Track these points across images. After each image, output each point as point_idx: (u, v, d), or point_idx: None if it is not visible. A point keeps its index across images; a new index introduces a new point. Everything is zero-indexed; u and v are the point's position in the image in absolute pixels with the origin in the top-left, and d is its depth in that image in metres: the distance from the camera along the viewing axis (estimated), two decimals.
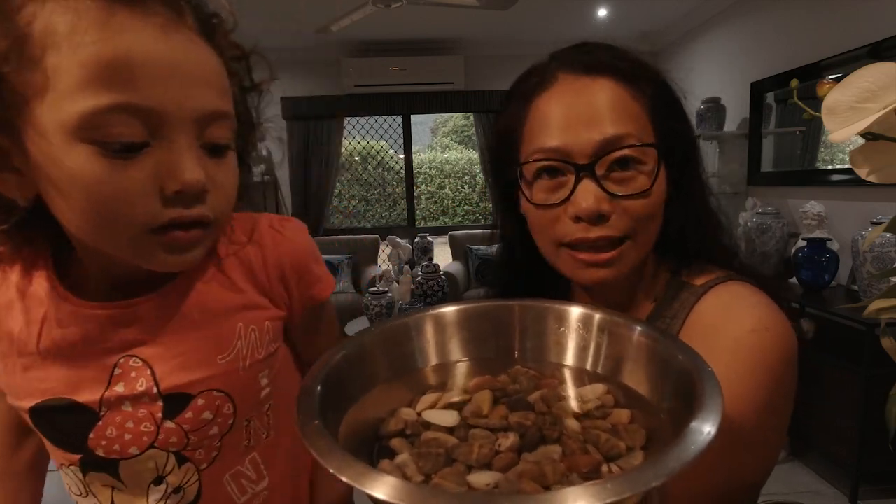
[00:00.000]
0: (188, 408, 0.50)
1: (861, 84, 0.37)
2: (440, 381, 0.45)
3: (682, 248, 0.61)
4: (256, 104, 0.57)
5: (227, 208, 0.50)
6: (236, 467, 0.55)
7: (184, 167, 0.43)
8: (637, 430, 0.35)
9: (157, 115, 0.41)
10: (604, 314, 0.46)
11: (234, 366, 0.53)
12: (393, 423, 0.38)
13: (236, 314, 0.54)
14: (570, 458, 0.33)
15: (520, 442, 0.35)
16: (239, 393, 0.53)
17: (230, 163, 0.50)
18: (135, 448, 0.50)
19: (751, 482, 0.52)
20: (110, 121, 0.40)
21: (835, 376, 2.11)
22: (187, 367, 0.51)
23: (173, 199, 0.43)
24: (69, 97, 0.39)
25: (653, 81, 0.57)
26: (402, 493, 0.26)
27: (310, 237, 0.63)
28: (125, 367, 0.50)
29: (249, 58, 0.54)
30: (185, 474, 0.52)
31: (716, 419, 0.29)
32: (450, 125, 10.83)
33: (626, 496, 0.25)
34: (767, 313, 0.52)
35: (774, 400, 0.50)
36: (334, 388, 0.39)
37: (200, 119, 0.44)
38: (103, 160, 0.40)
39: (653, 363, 0.41)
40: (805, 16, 2.82)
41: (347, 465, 0.28)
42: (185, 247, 0.46)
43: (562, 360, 0.46)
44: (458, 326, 0.48)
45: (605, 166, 0.53)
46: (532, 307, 0.49)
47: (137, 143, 0.41)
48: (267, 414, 0.57)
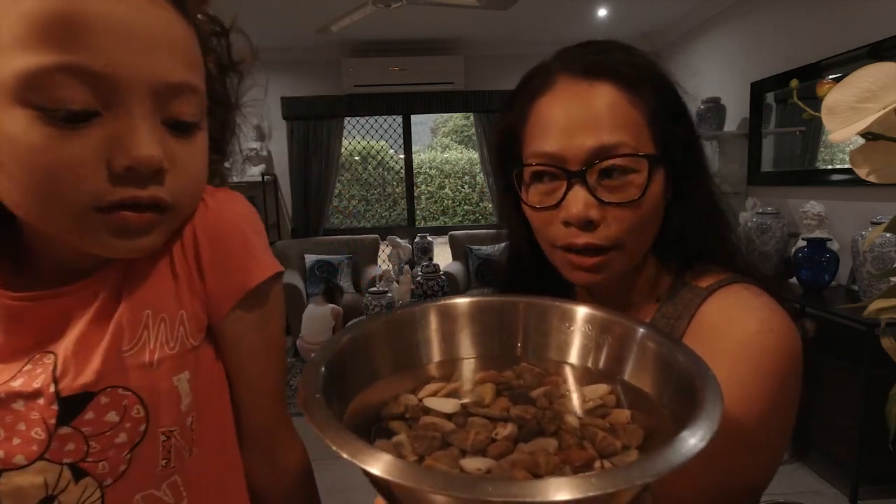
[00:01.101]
0: (88, 407, 0.43)
1: (861, 84, 0.37)
2: (445, 374, 0.45)
3: (684, 250, 0.61)
4: (236, 86, 0.52)
5: (190, 193, 0.45)
6: (149, 489, 0.46)
7: (137, 142, 0.38)
8: (635, 430, 0.36)
9: (108, 81, 0.37)
10: (607, 314, 0.46)
11: (140, 360, 0.45)
12: (394, 406, 0.39)
13: (149, 300, 0.46)
14: (565, 452, 0.33)
15: (517, 433, 0.35)
16: (150, 395, 0.45)
17: (198, 144, 0.45)
18: (21, 457, 0.42)
19: (754, 483, 0.52)
20: (55, 83, 0.35)
21: (835, 376, 2.11)
22: (87, 360, 0.43)
23: (124, 177, 0.39)
24: (7, 53, 0.35)
25: (655, 86, 0.57)
26: (393, 469, 0.26)
27: (245, 209, 0.51)
28: (35, 362, 0.43)
29: (228, 34, 0.49)
30: (84, 491, 0.43)
31: (712, 425, 0.30)
32: (450, 125, 10.83)
33: (609, 491, 0.25)
34: (771, 315, 0.52)
35: (778, 402, 0.50)
36: (338, 373, 0.39)
37: (161, 90, 0.40)
38: (45, 128, 0.36)
39: (655, 365, 0.41)
40: (805, 16, 2.82)
41: (345, 441, 0.29)
42: (135, 231, 0.41)
43: (565, 359, 0.46)
44: (465, 320, 0.49)
45: (597, 174, 0.54)
46: (537, 304, 0.49)
47: (85, 112, 0.37)
48: (191, 429, 0.49)
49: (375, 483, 0.30)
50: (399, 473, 0.26)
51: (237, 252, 0.49)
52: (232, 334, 0.51)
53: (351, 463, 0.28)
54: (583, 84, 0.55)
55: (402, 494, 0.30)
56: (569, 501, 0.25)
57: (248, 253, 0.50)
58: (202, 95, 0.44)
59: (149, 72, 0.39)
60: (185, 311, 0.48)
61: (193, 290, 0.48)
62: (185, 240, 0.48)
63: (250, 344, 0.53)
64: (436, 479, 0.26)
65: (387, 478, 0.26)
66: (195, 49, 0.43)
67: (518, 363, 0.45)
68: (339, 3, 2.85)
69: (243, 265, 0.49)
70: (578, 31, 4.20)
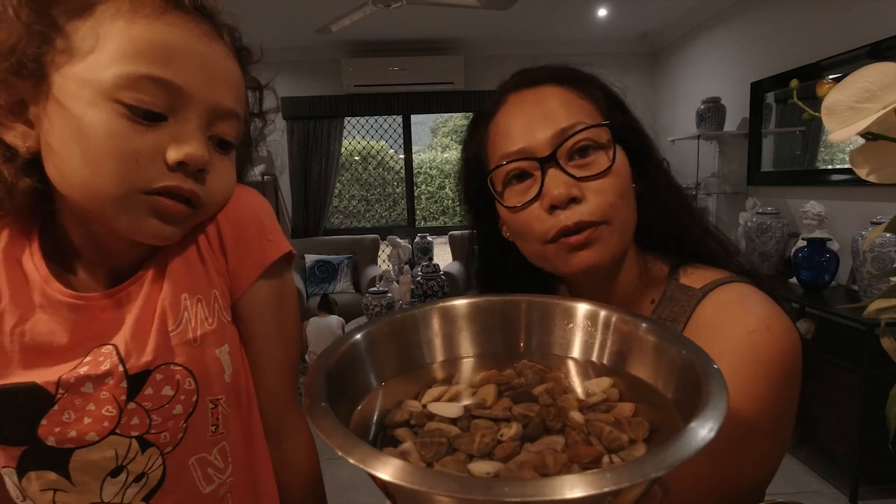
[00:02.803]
0: (147, 384, 0.49)
1: (861, 84, 0.37)
2: (447, 375, 0.45)
3: (671, 243, 0.61)
4: (260, 130, 0.63)
5: (218, 200, 0.54)
6: (202, 453, 0.53)
7: (190, 143, 0.48)
8: (640, 422, 0.35)
9: (181, 94, 0.47)
10: (609, 311, 0.46)
11: (185, 338, 0.51)
12: (398, 413, 0.39)
13: (185, 285, 0.53)
14: (573, 449, 0.33)
15: (523, 432, 0.35)
16: (198, 367, 0.52)
17: (231, 161, 0.54)
18: (94, 434, 0.48)
19: (756, 481, 0.52)
20: (142, 87, 0.45)
21: (835, 376, 2.11)
22: (145, 343, 0.50)
23: (174, 170, 0.47)
24: (112, 61, 0.44)
25: (594, 83, 0.62)
26: (405, 475, 0.26)
27: (257, 199, 0.59)
28: (96, 353, 0.49)
29: (263, 90, 0.61)
30: (149, 460, 0.50)
31: (720, 417, 0.30)
32: (450, 125, 10.82)
33: (624, 486, 0.25)
34: (768, 313, 0.52)
35: (778, 400, 0.50)
36: (342, 376, 0.40)
37: (216, 111, 0.50)
38: (125, 121, 0.45)
39: (658, 359, 0.41)
40: (805, 16, 2.82)
41: (353, 447, 0.28)
42: (169, 217, 0.49)
43: (566, 354, 0.46)
44: (466, 320, 0.49)
45: (566, 155, 0.56)
46: (538, 302, 0.49)
47: (157, 114, 0.46)
48: (235, 395, 0.56)
49: (384, 489, 0.30)
50: (413, 478, 0.26)
51: (254, 235, 0.57)
52: (249, 312, 0.57)
53: (352, 463, 0.27)
54: (531, 92, 0.60)
55: (413, 500, 0.30)
56: (584, 498, 0.25)
57: (264, 236, 0.57)
58: (242, 122, 0.54)
59: (211, 95, 0.49)
60: (216, 290, 0.55)
61: (219, 270, 0.55)
62: (208, 228, 0.55)
63: (264, 325, 0.58)
64: (450, 482, 0.26)
65: (402, 483, 0.26)
66: (243, 92, 0.55)
67: (519, 360, 0.45)
68: (339, 3, 2.85)
69: (260, 245, 0.57)
70: (578, 31, 4.20)
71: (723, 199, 3.62)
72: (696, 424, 0.29)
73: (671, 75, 4.32)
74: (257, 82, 0.60)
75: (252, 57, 0.57)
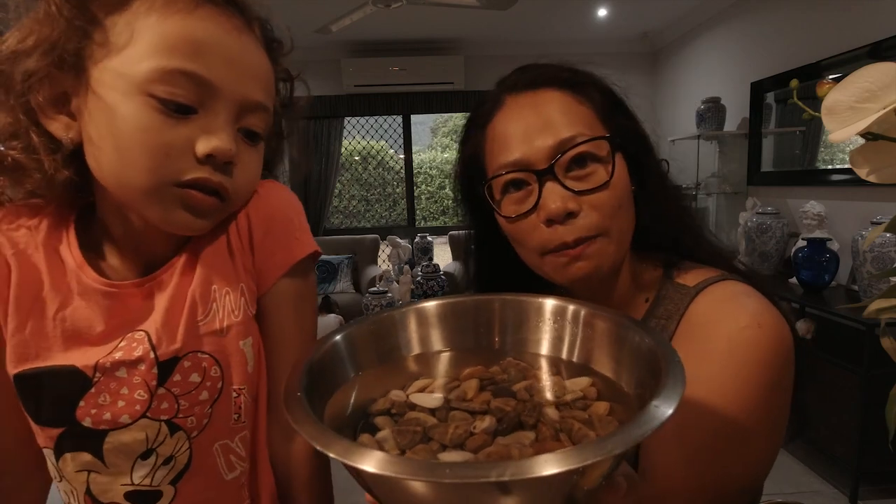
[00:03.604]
0: (175, 370, 0.51)
1: (861, 84, 0.37)
2: (434, 370, 0.46)
3: (665, 246, 0.62)
4: (291, 120, 0.64)
5: (245, 191, 0.55)
6: (225, 440, 0.55)
7: (220, 136, 0.49)
8: (611, 421, 0.36)
9: (212, 87, 0.48)
10: (578, 305, 0.47)
11: (212, 327, 0.53)
12: (382, 402, 0.40)
13: (214, 276, 0.54)
14: (540, 444, 0.34)
15: (496, 426, 0.36)
16: (223, 357, 0.53)
17: (259, 152, 0.56)
18: (126, 416, 0.50)
19: (746, 481, 0.52)
20: (174, 81, 0.46)
21: (835, 376, 2.11)
22: (175, 330, 0.51)
23: (203, 162, 0.49)
24: (145, 56, 0.46)
25: (595, 85, 0.60)
26: (353, 455, 0.27)
27: (289, 196, 0.60)
28: (129, 339, 0.51)
29: (293, 81, 0.62)
30: (177, 443, 0.52)
31: (675, 398, 0.30)
32: (450, 125, 10.82)
33: (574, 467, 0.26)
34: (760, 310, 0.52)
35: (770, 396, 0.50)
36: (322, 371, 0.41)
37: (245, 105, 0.51)
38: (157, 114, 0.46)
39: (625, 350, 0.42)
40: (805, 16, 2.83)
41: (320, 435, 0.30)
42: (199, 210, 0.50)
43: (547, 352, 0.47)
44: (446, 319, 0.50)
45: (564, 167, 0.55)
46: (513, 301, 0.50)
47: (188, 107, 0.47)
48: (256, 388, 0.57)
49: (359, 479, 0.31)
50: (359, 459, 0.27)
51: (283, 232, 0.58)
52: (271, 307, 0.58)
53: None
54: (529, 95, 0.59)
55: (377, 486, 0.31)
56: (534, 479, 0.25)
57: (292, 234, 0.58)
58: (270, 115, 0.55)
59: (241, 88, 0.50)
60: (244, 284, 0.56)
61: (246, 265, 0.56)
62: (239, 222, 0.56)
63: (285, 317, 0.59)
64: (396, 464, 0.27)
65: (350, 464, 0.27)
66: (272, 84, 0.56)
67: (504, 358, 0.46)
68: (339, 3, 2.86)
69: (287, 243, 0.58)
70: (578, 31, 4.20)
71: (723, 199, 3.62)
72: (651, 407, 0.30)
73: (671, 75, 4.32)
74: (288, 73, 0.61)
75: (283, 49, 0.59)
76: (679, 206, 0.63)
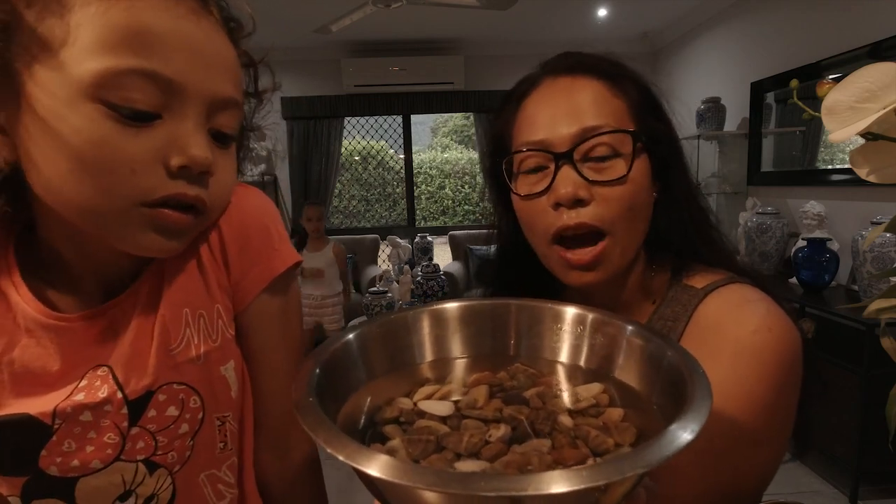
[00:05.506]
0: (149, 406, 0.46)
1: (861, 84, 0.37)
2: (439, 376, 0.45)
3: (676, 249, 0.61)
4: (254, 110, 0.56)
5: (222, 200, 0.49)
6: (211, 470, 0.51)
7: (193, 143, 0.42)
8: (628, 427, 0.36)
9: (174, 87, 0.41)
10: (597, 314, 0.46)
11: (188, 355, 0.48)
12: (389, 410, 0.39)
13: (185, 299, 0.49)
14: (558, 452, 0.33)
15: (511, 434, 0.35)
16: (203, 385, 0.48)
17: (232, 155, 0.49)
18: (97, 461, 0.45)
19: (755, 482, 0.52)
20: (127, 84, 0.39)
21: (835, 376, 2.11)
22: (144, 364, 0.46)
23: (176, 176, 0.42)
24: (89, 54, 0.38)
25: (634, 82, 0.59)
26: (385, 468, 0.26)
27: (262, 201, 0.54)
28: (91, 377, 0.45)
29: (257, 67, 0.54)
30: (157, 481, 0.47)
31: (701, 419, 0.30)
32: (450, 125, 10.82)
33: (599, 483, 0.25)
34: (770, 314, 0.52)
35: (778, 400, 0.50)
36: (333, 372, 0.40)
37: (215, 102, 0.44)
38: (112, 123, 0.39)
39: (646, 362, 0.41)
40: (805, 16, 2.82)
41: (338, 441, 0.29)
42: (173, 230, 0.44)
43: (558, 359, 0.46)
44: (457, 323, 0.49)
45: (583, 154, 0.55)
46: (528, 306, 0.49)
47: (150, 113, 0.40)
48: (241, 413, 0.54)
49: (370, 487, 0.30)
50: (391, 472, 0.26)
51: (260, 244, 0.52)
52: (252, 325, 0.53)
53: (347, 465, 0.27)
54: (566, 80, 0.58)
55: (395, 496, 0.30)
56: (560, 494, 0.25)
57: (270, 245, 0.53)
58: (242, 111, 0.48)
59: (208, 84, 0.43)
60: (219, 305, 0.50)
61: (221, 283, 0.51)
62: (210, 237, 0.50)
63: (269, 336, 0.54)
64: (427, 475, 0.26)
65: (378, 476, 0.26)
66: (240, 72, 0.48)
67: (512, 363, 0.45)
68: (339, 3, 2.86)
69: (266, 256, 0.52)
70: (578, 31, 4.20)
71: (723, 199, 3.62)
72: (676, 426, 0.29)
73: (671, 75, 4.32)
74: (250, 58, 0.52)
75: (243, 29, 0.50)
76: (704, 214, 0.63)
